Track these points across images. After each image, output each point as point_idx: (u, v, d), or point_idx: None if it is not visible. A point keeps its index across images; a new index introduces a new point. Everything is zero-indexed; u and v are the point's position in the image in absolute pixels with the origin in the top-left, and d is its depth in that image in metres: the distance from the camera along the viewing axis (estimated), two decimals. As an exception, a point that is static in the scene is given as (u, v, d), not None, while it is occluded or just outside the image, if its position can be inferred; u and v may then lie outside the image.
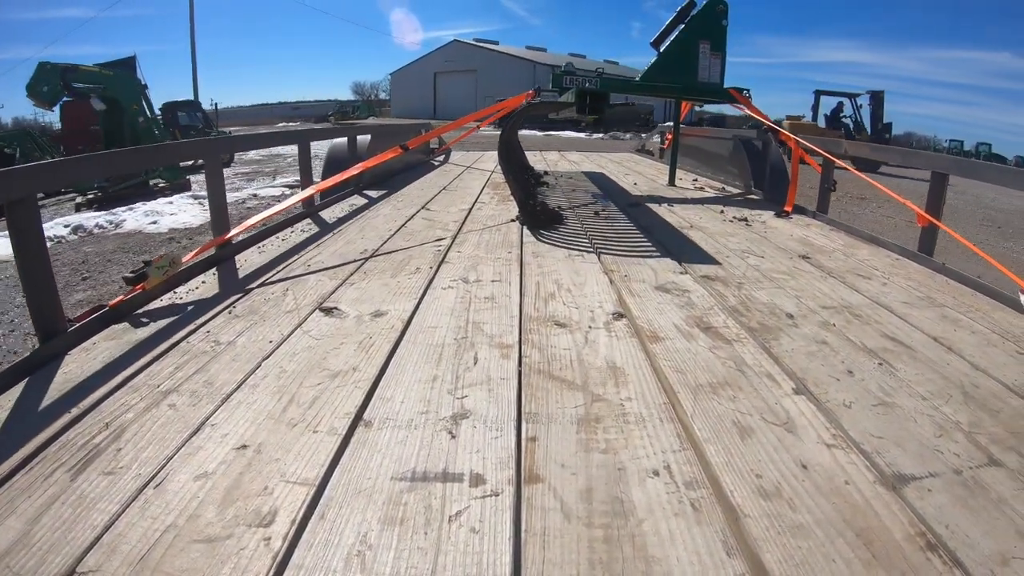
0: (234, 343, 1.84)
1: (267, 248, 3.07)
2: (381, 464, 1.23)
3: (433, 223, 3.75)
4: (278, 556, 0.97)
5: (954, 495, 1.15)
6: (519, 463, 1.24)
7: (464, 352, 1.78)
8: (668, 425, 1.39)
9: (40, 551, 0.99)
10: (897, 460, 1.26)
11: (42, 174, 1.93)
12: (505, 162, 3.92)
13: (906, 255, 3.02)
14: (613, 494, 1.14)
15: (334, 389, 1.55)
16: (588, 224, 3.75)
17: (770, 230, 3.70)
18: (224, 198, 3.01)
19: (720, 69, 4.85)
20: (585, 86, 4.28)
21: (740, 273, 2.67)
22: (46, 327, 1.79)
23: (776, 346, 1.85)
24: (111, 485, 1.16)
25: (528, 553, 0.99)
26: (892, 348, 1.86)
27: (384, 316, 2.07)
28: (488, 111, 4.84)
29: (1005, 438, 1.36)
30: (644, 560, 0.98)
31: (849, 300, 2.32)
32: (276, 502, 1.11)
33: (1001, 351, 1.86)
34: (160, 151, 3.77)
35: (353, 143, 5.17)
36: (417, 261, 2.81)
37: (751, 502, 1.12)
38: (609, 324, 2.01)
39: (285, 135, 4.56)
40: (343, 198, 4.59)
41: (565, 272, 2.63)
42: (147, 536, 1.02)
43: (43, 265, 1.82)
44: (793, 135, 4.57)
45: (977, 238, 7.56)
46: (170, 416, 1.41)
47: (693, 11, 4.75)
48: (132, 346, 1.82)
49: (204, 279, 2.51)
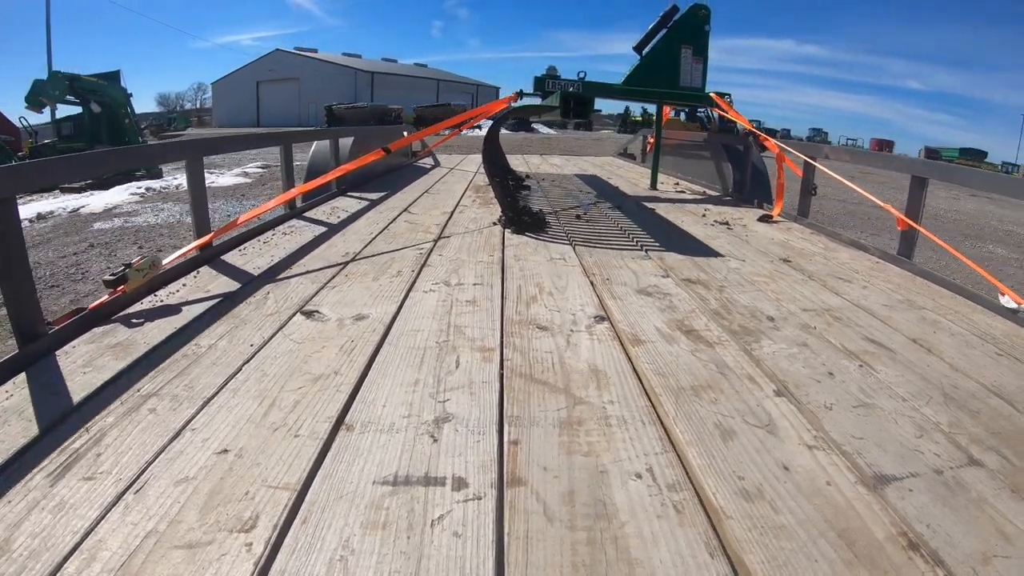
0: (215, 346, 1.82)
1: (248, 251, 3.03)
2: (363, 468, 1.22)
3: (415, 226, 3.73)
4: (260, 561, 0.96)
5: (935, 495, 1.16)
6: (501, 466, 1.23)
7: (446, 355, 1.77)
8: (650, 428, 1.38)
9: (20, 558, 0.97)
10: (878, 461, 1.27)
11: (19, 176, 1.88)
12: (488, 165, 3.91)
13: (886, 258, 3.05)
14: (596, 496, 1.14)
15: (316, 393, 1.53)
16: (570, 227, 3.75)
17: (751, 233, 3.73)
18: (205, 200, 2.96)
19: (702, 73, 4.90)
20: (568, 91, 4.29)
21: (722, 276, 2.68)
22: (25, 330, 1.75)
23: (757, 349, 1.86)
24: (91, 491, 1.14)
25: (511, 556, 0.98)
26: (872, 350, 1.87)
27: (366, 319, 2.05)
28: (470, 115, 4.84)
29: (985, 438, 1.37)
30: (627, 562, 0.97)
31: (830, 303, 2.33)
32: (258, 507, 1.09)
33: (980, 352, 1.88)
34: (140, 152, 3.70)
35: (336, 146, 5.14)
36: (399, 264, 2.79)
37: (733, 504, 1.12)
38: (591, 327, 2.01)
39: (269, 136, 4.51)
40: (325, 200, 4.55)
41: (547, 275, 2.63)
42: (128, 542, 1.00)
43: (22, 267, 1.78)
44: (772, 139, 4.60)
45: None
46: (150, 420, 1.39)
47: (676, 16, 4.79)
48: (112, 349, 1.78)
49: (185, 282, 2.47)
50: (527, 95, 4.46)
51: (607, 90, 5.18)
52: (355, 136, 5.39)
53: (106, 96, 14.68)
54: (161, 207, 9.45)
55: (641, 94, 5.10)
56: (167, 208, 9.32)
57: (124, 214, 8.93)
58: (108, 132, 14.61)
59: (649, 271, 2.75)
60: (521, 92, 4.41)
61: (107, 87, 14.90)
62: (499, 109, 4.45)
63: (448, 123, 4.69)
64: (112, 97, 14.82)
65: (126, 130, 15.16)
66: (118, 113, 14.96)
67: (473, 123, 4.82)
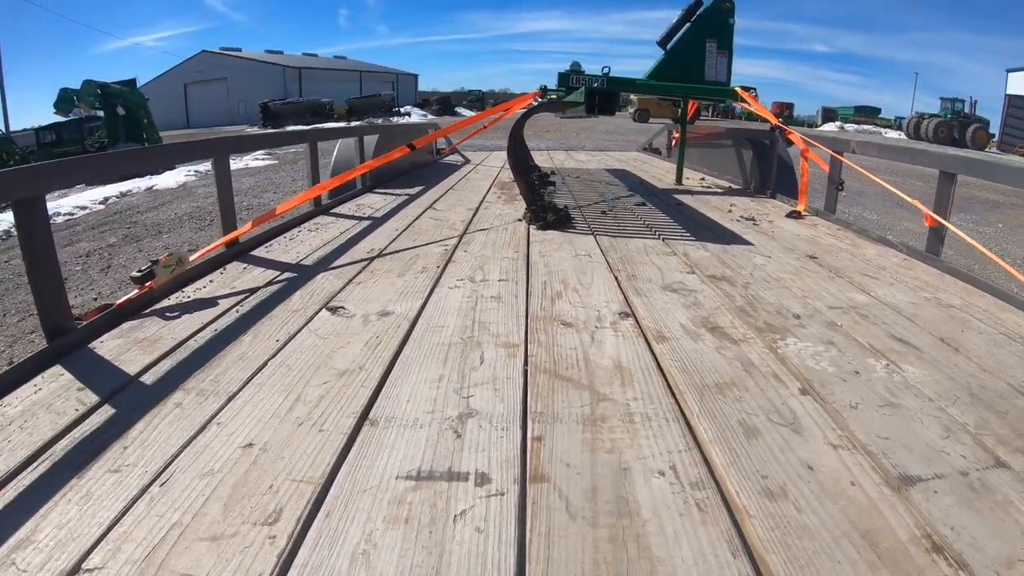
0: (240, 341, 1.85)
1: (274, 247, 3.08)
2: (387, 463, 1.23)
3: (440, 222, 3.75)
4: (283, 554, 0.98)
5: (960, 497, 1.15)
6: (524, 462, 1.24)
7: (470, 351, 1.78)
8: (674, 425, 1.39)
9: (47, 548, 0.99)
10: (903, 461, 1.26)
11: (49, 175, 1.94)
12: (513, 160, 3.92)
13: (914, 255, 3.00)
14: (618, 494, 1.14)
15: (340, 388, 1.55)
16: (595, 223, 3.75)
17: (777, 229, 3.69)
18: (231, 197, 3.02)
19: (727, 67, 4.84)
20: (593, 86, 4.28)
21: (747, 273, 2.67)
22: (53, 325, 1.79)
23: (783, 346, 1.85)
24: (117, 483, 1.16)
25: (533, 552, 0.99)
26: (899, 349, 1.85)
27: (391, 315, 2.08)
28: (495, 111, 4.85)
29: (1012, 439, 1.35)
30: (649, 560, 0.98)
31: (856, 300, 2.31)
32: (281, 500, 1.11)
33: (1008, 352, 1.85)
34: (164, 151, 3.78)
35: (361, 143, 5.19)
36: (424, 260, 2.81)
37: (756, 503, 1.12)
38: (615, 324, 2.01)
39: (294, 134, 4.58)
40: (351, 198, 4.59)
41: (572, 271, 2.63)
42: (152, 534, 1.02)
43: (50, 264, 1.83)
44: (799, 135, 4.54)
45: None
46: (176, 414, 1.42)
47: (700, 9, 4.74)
48: (139, 344, 1.83)
49: (211, 278, 2.52)
50: (551, 91, 4.44)
51: (632, 85, 5.15)
52: (380, 134, 5.43)
53: (129, 100, 17.00)
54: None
55: (666, 88, 5.06)
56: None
57: (200, 186, 11.51)
58: (129, 131, 16.80)
59: (674, 267, 2.74)
60: (545, 88, 4.39)
61: (129, 93, 17.27)
62: (524, 105, 4.45)
63: (474, 119, 4.70)
64: (134, 101, 17.17)
65: (146, 129, 17.39)
66: (138, 115, 17.21)
67: (500, 119, 4.81)
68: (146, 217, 8.91)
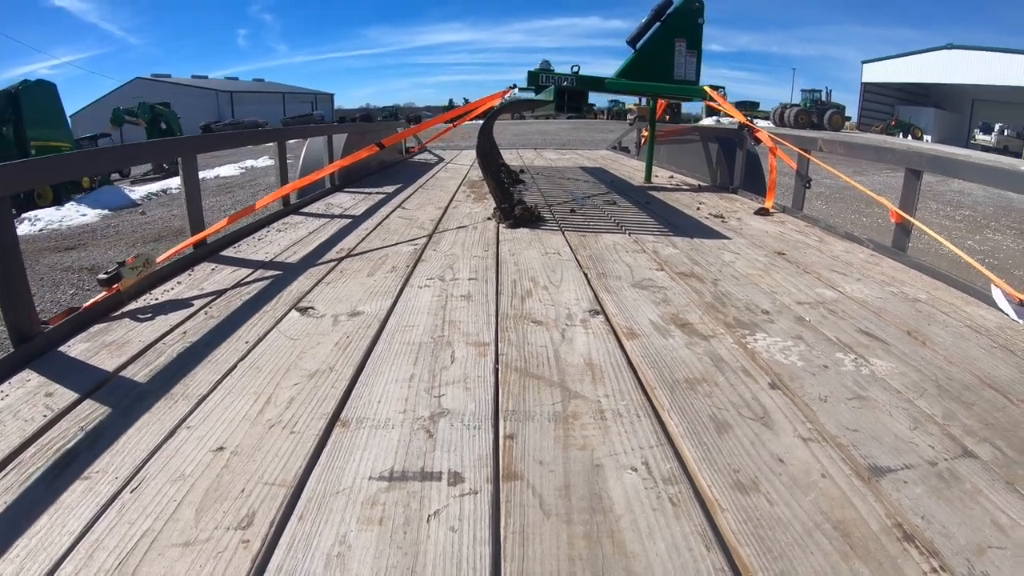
0: (210, 343, 1.81)
1: (243, 247, 3.02)
2: (359, 464, 1.22)
3: (410, 221, 3.72)
4: (257, 558, 0.96)
5: (930, 487, 1.16)
6: (497, 461, 1.23)
7: (441, 351, 1.76)
8: (645, 421, 1.38)
9: (18, 558, 0.97)
10: (873, 453, 1.27)
11: (11, 173, 1.86)
12: (482, 159, 3.90)
13: (880, 251, 3.05)
14: (592, 490, 1.14)
15: (311, 389, 1.52)
16: (564, 221, 3.74)
17: (746, 226, 3.72)
18: (199, 197, 2.95)
19: (696, 67, 4.88)
20: (563, 84, 4.28)
21: (716, 269, 2.68)
22: (19, 330, 1.74)
23: (752, 342, 1.86)
24: (88, 490, 1.14)
25: (508, 550, 0.98)
26: (867, 343, 1.87)
27: (361, 315, 2.04)
28: (463, 110, 4.82)
29: (979, 430, 1.37)
30: (623, 555, 0.97)
31: (824, 295, 2.33)
32: (254, 504, 1.09)
33: (974, 344, 1.88)
34: (136, 151, 3.69)
35: (331, 141, 5.13)
36: (393, 260, 2.78)
37: (729, 496, 1.12)
38: (586, 321, 2.01)
39: (262, 133, 4.51)
40: (319, 197, 4.54)
41: (541, 270, 2.62)
42: (125, 541, 1.00)
43: (16, 266, 1.77)
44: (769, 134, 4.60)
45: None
46: (146, 419, 1.38)
47: (669, 9, 4.77)
48: (107, 348, 1.78)
49: (180, 279, 2.46)
50: (522, 89, 4.43)
51: (601, 84, 5.16)
52: (348, 133, 5.37)
53: (169, 119, 19.88)
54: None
55: (635, 87, 5.08)
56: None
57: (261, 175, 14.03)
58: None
59: (644, 264, 2.75)
60: (515, 86, 4.39)
61: (170, 112, 20.26)
62: (493, 104, 4.43)
63: (442, 118, 4.67)
64: (172, 118, 20.00)
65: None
66: (174, 130, 19.81)
67: (468, 119, 4.79)
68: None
